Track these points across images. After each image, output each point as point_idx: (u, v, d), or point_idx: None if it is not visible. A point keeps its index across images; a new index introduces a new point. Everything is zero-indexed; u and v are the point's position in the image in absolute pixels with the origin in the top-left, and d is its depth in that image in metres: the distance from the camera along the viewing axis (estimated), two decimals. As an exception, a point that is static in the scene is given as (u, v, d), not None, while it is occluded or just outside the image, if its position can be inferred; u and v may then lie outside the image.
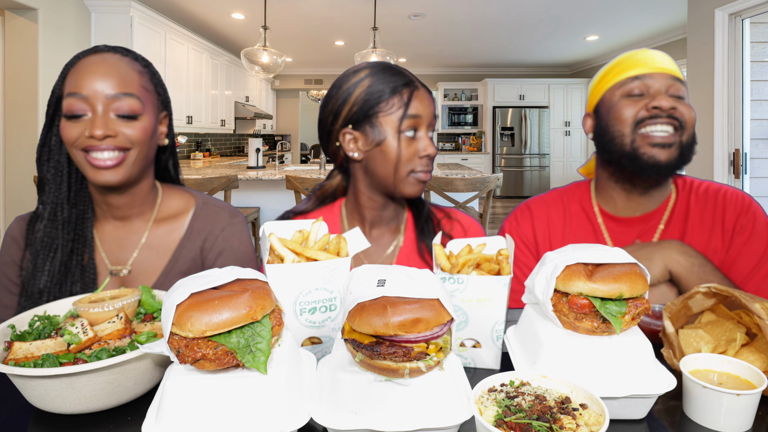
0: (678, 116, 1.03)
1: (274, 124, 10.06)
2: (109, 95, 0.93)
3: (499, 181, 3.18)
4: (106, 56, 0.97)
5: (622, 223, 1.15)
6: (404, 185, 1.03)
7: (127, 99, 0.95)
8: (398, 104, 1.00)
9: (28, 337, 0.71)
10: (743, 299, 0.71)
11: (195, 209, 1.12)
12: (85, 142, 0.92)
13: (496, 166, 9.28)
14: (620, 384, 0.63)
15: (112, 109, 0.94)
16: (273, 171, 4.20)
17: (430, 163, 1.04)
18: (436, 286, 0.61)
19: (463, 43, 7.32)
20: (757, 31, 3.47)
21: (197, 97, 6.02)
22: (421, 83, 1.05)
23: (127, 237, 1.06)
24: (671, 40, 6.69)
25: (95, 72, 0.94)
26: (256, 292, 0.59)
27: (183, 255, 1.07)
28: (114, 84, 0.94)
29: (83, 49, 1.00)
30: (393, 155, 1.01)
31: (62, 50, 4.01)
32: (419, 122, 1.02)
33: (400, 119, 1.00)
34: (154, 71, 1.06)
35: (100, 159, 0.93)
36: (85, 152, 0.93)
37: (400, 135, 1.00)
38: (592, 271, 0.69)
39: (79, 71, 0.94)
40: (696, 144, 1.07)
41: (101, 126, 0.91)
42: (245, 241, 1.14)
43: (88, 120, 0.93)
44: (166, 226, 1.08)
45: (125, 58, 0.99)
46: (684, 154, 1.05)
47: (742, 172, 3.48)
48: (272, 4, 5.16)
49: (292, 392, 0.58)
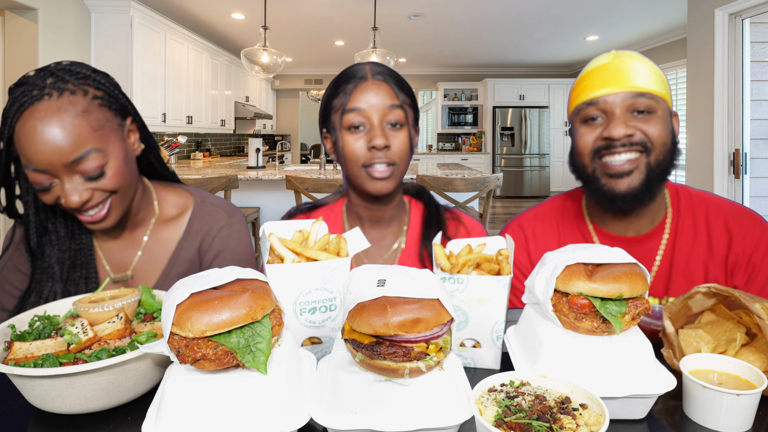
0: (638, 140, 0.95)
1: (274, 124, 10.06)
2: (67, 163, 0.83)
3: (499, 181, 3.18)
4: (51, 107, 0.82)
5: (618, 241, 1.08)
6: (363, 182, 1.00)
7: (89, 161, 0.85)
8: (342, 99, 0.99)
9: (28, 337, 0.71)
10: (743, 299, 0.71)
11: (193, 209, 1.10)
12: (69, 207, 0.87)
13: (496, 166, 9.28)
14: (620, 384, 0.63)
15: (77, 171, 0.85)
16: (273, 171, 4.20)
17: (386, 155, 0.97)
18: (436, 286, 0.61)
19: (463, 43, 7.32)
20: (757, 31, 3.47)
21: (197, 97, 6.03)
22: (384, 75, 1.00)
23: (128, 242, 1.05)
24: (671, 40, 6.69)
25: (43, 140, 0.81)
26: (256, 292, 0.59)
27: (181, 256, 1.06)
28: (69, 149, 0.83)
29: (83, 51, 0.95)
30: (344, 153, 0.99)
31: (62, 50, 4.01)
32: (366, 114, 0.97)
33: (341, 114, 0.99)
34: (100, 85, 0.91)
35: (89, 216, 0.90)
36: (78, 212, 0.90)
37: (344, 131, 0.98)
38: (592, 271, 0.69)
39: (26, 138, 0.82)
40: (678, 153, 1.00)
41: (72, 202, 0.86)
42: (243, 241, 1.12)
43: (57, 187, 0.86)
44: (165, 227, 1.07)
45: (71, 107, 0.84)
46: (651, 177, 0.97)
47: (742, 172, 3.48)
48: (272, 4, 5.16)
49: (292, 392, 0.58)
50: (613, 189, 0.98)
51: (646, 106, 0.96)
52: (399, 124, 0.99)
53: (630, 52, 1.01)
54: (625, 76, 0.97)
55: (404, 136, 0.99)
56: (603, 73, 0.99)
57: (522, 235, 1.20)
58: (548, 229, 1.18)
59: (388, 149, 0.97)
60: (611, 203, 1.00)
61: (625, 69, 0.97)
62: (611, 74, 0.98)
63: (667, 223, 1.07)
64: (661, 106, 0.97)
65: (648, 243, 1.07)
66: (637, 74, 0.97)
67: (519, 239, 1.20)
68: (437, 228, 1.10)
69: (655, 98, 0.96)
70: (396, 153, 0.98)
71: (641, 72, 0.97)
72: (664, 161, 0.98)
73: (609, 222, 1.09)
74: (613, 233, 1.09)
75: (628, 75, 0.97)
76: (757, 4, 3.23)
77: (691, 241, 1.05)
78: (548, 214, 1.20)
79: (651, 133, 0.96)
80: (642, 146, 0.96)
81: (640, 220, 1.06)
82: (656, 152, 0.97)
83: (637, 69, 0.97)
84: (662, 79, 0.99)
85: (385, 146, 0.96)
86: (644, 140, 0.96)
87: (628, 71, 0.97)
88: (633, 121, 0.96)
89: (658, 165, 0.97)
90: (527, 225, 1.20)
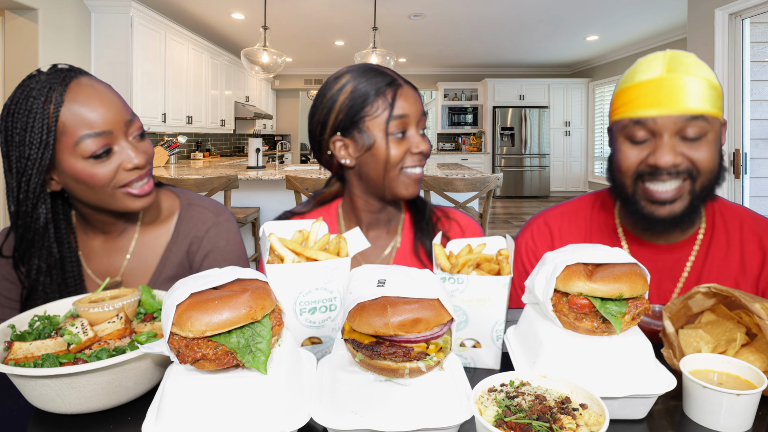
0: (685, 168, 0.91)
1: (274, 124, 10.06)
2: (127, 120, 0.92)
3: (499, 181, 3.18)
4: (93, 79, 0.92)
5: (647, 248, 1.05)
6: (398, 186, 1.01)
7: (137, 121, 0.95)
8: (383, 106, 0.98)
9: (28, 337, 0.71)
10: (743, 299, 0.71)
11: (180, 211, 1.09)
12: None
13: (496, 166, 9.28)
14: (620, 384, 0.63)
15: (131, 134, 0.93)
16: (273, 171, 4.20)
17: (423, 159, 1.03)
18: (436, 286, 0.61)
19: (463, 43, 7.32)
20: (757, 31, 3.47)
21: (197, 97, 6.03)
22: (405, 80, 1.03)
23: (116, 248, 1.03)
24: (671, 40, 6.69)
25: (103, 100, 0.90)
26: (256, 292, 0.59)
27: (170, 260, 1.05)
28: (124, 108, 0.93)
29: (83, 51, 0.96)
30: (383, 158, 0.99)
31: (62, 50, 4.01)
32: (407, 121, 0.99)
33: (386, 121, 0.98)
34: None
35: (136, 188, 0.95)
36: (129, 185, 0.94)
37: (389, 137, 0.98)
38: (592, 271, 0.69)
39: (84, 102, 0.88)
40: (724, 174, 0.95)
41: (151, 161, 0.97)
42: (233, 240, 1.11)
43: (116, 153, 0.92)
44: (152, 231, 1.06)
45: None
46: (695, 204, 0.93)
47: (742, 172, 3.48)
48: (272, 4, 5.16)
49: (292, 392, 0.58)
50: (652, 213, 0.95)
51: (696, 133, 0.89)
52: (423, 130, 1.05)
53: (685, 61, 0.91)
54: (679, 97, 0.89)
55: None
56: (654, 90, 0.91)
57: (547, 231, 1.17)
58: (576, 227, 1.14)
59: (422, 154, 1.03)
60: (649, 226, 0.97)
61: (680, 88, 0.89)
62: (664, 93, 0.90)
63: (700, 234, 1.04)
64: (713, 127, 0.91)
65: (678, 253, 1.04)
66: (691, 94, 0.89)
67: (544, 236, 1.17)
68: (427, 224, 1.12)
69: (707, 120, 0.89)
70: (426, 155, 1.04)
71: (696, 91, 0.89)
72: (709, 186, 0.93)
73: (639, 230, 1.06)
74: (643, 239, 1.06)
75: (682, 96, 0.89)
76: (757, 4, 3.23)
77: (723, 256, 1.02)
78: (577, 213, 1.16)
79: (699, 160, 0.90)
80: (688, 174, 0.91)
81: (671, 236, 1.03)
82: (702, 179, 0.92)
83: (692, 87, 0.89)
84: (717, 92, 0.91)
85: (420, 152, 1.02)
86: (690, 168, 0.91)
87: (683, 91, 0.89)
88: (681, 147, 0.91)
89: (703, 191, 0.93)
90: (554, 222, 1.17)
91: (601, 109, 8.93)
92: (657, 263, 1.04)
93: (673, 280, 1.04)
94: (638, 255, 1.05)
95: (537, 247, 1.17)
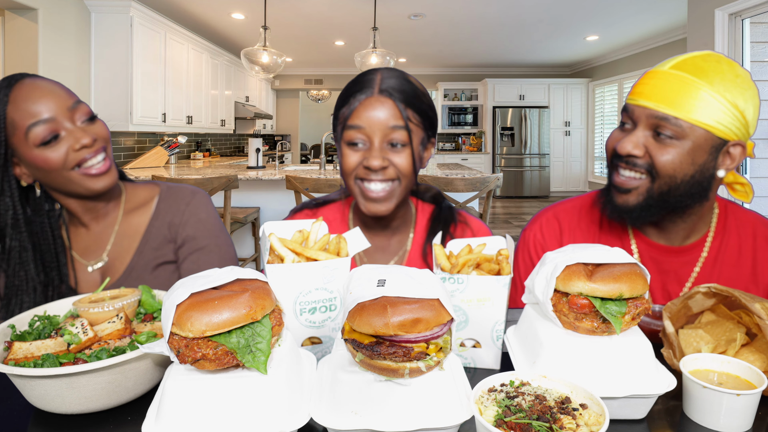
0: (644, 164, 0.91)
1: (274, 124, 10.06)
2: (70, 107, 0.98)
3: (499, 181, 3.18)
4: (35, 79, 0.98)
5: (656, 248, 1.03)
6: (358, 198, 0.99)
7: (83, 105, 1.01)
8: (346, 113, 0.96)
9: (28, 337, 0.71)
10: (743, 299, 0.71)
11: (160, 193, 1.18)
12: None
13: (496, 166, 9.28)
14: (620, 384, 0.63)
15: (75, 118, 0.99)
16: (273, 171, 4.20)
17: (384, 174, 0.94)
18: (436, 286, 0.61)
19: (463, 43, 7.32)
20: (757, 31, 3.47)
21: (197, 97, 6.02)
22: (391, 91, 0.94)
23: (101, 230, 1.11)
24: (671, 40, 6.69)
25: (43, 91, 0.96)
26: (256, 292, 0.59)
27: (153, 233, 1.12)
28: (66, 94, 0.99)
29: (83, 51, 1.01)
30: (341, 165, 0.97)
31: (62, 50, 4.01)
32: (366, 133, 0.93)
33: (341, 130, 0.96)
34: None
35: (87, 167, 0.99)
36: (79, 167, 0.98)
37: (344, 144, 0.96)
38: (592, 271, 0.69)
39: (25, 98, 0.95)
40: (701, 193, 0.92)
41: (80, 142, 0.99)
42: (211, 212, 1.20)
43: (64, 138, 0.97)
44: (135, 213, 1.14)
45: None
46: (650, 202, 0.92)
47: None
48: (272, 4, 5.16)
49: (292, 392, 0.58)
50: (613, 199, 0.98)
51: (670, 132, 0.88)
52: (401, 144, 0.94)
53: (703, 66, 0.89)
54: (649, 92, 0.91)
55: (407, 155, 0.95)
56: (657, 81, 0.92)
57: (557, 225, 1.14)
58: (586, 223, 1.12)
59: (386, 169, 0.95)
60: (612, 213, 1.00)
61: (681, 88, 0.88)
62: (645, 89, 0.92)
63: (708, 238, 1.02)
64: (692, 135, 0.87)
65: (686, 256, 1.02)
66: (688, 96, 0.87)
67: (553, 229, 1.14)
68: (445, 229, 1.08)
69: (680, 125, 0.87)
70: (398, 170, 0.95)
71: (696, 96, 0.86)
72: (672, 193, 0.91)
73: (648, 230, 1.05)
74: (650, 238, 1.04)
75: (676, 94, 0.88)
76: (757, 4, 3.23)
77: (734, 262, 1.01)
78: (590, 208, 1.13)
79: (661, 161, 0.90)
80: (647, 170, 0.92)
81: (678, 232, 1.01)
82: (660, 182, 0.91)
83: (695, 94, 0.87)
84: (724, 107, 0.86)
85: (382, 167, 0.94)
86: (650, 165, 0.91)
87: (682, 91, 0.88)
88: (649, 142, 0.92)
89: (662, 195, 0.92)
90: (564, 216, 1.14)
91: (601, 109, 8.93)
92: (663, 264, 1.03)
93: (680, 284, 1.03)
94: (646, 254, 1.04)
95: (545, 240, 1.14)
